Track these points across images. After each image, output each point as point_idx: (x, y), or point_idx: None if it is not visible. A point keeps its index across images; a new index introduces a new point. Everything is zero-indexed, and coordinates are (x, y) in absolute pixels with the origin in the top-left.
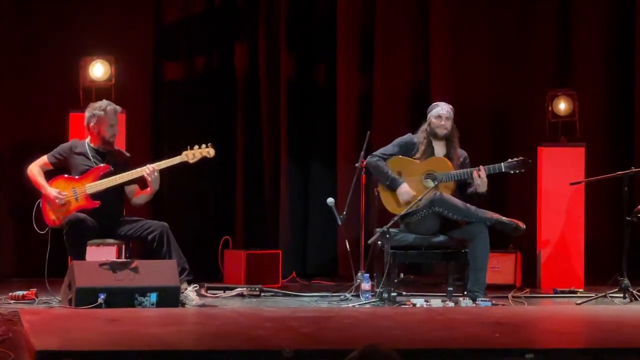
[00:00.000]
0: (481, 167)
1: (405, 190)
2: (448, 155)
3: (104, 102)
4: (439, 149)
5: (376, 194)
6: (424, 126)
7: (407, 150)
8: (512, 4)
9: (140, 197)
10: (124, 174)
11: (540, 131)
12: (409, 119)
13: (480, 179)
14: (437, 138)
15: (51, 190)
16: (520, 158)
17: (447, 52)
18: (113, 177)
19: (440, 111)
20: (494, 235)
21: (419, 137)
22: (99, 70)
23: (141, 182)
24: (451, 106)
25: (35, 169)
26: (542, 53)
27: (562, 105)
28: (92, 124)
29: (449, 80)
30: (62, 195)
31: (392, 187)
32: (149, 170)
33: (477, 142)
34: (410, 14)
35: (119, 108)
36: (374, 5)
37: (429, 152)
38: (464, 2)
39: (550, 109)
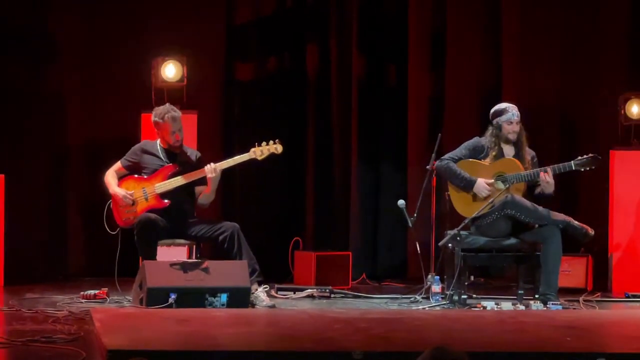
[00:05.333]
0: (548, 168)
1: (482, 186)
2: (517, 156)
3: (163, 109)
4: (508, 150)
5: (447, 198)
6: (493, 131)
7: (476, 153)
8: (584, 6)
9: (202, 197)
10: (189, 173)
11: (611, 134)
12: (480, 120)
13: (546, 180)
14: (508, 142)
15: (119, 190)
16: (590, 155)
17: (518, 53)
18: (180, 177)
19: (512, 117)
20: (564, 239)
21: (489, 141)
22: (171, 70)
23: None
24: (516, 106)
25: (109, 174)
26: (614, 56)
27: (635, 109)
28: (156, 130)
29: (520, 81)
30: (130, 194)
31: (468, 187)
32: (210, 168)
33: (547, 145)
34: (482, 15)
35: (177, 114)
36: (444, 5)
37: (499, 156)
38: (535, 3)
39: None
